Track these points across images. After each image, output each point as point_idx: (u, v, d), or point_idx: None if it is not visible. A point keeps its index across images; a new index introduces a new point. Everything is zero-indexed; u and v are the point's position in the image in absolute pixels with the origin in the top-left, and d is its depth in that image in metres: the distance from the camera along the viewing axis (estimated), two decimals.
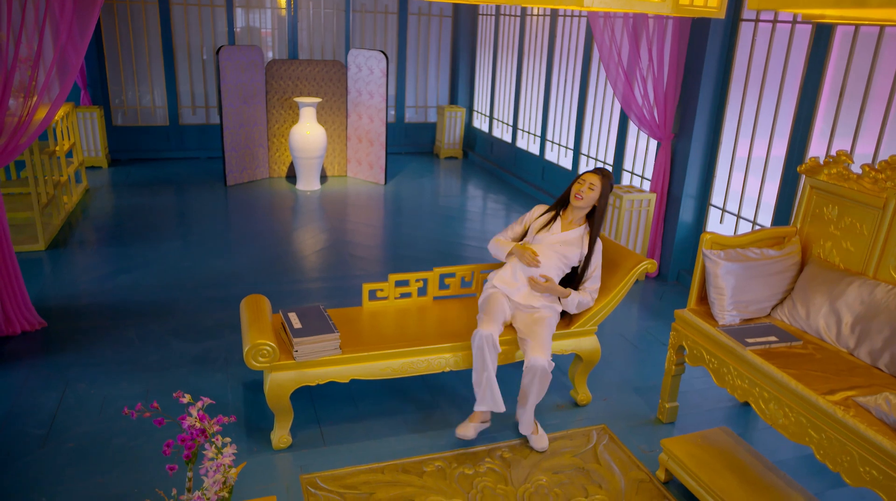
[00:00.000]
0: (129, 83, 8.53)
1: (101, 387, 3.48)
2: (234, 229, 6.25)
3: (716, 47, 4.81)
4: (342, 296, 4.77)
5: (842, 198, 3.19)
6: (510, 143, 8.65)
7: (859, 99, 3.97)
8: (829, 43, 4.13)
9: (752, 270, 3.20)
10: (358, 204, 7.24)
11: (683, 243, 5.31)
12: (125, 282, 4.85)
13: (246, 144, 7.57)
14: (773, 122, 4.59)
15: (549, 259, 3.32)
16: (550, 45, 7.49)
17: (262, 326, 2.99)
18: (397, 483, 2.87)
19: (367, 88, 7.71)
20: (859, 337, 2.91)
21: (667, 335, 4.43)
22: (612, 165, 6.44)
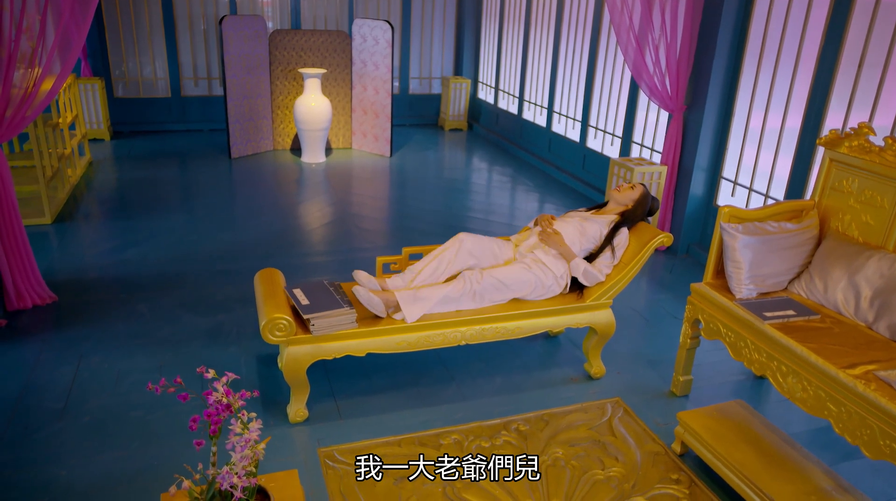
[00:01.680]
0: (129, 54, 8.41)
1: (114, 361, 3.48)
2: (240, 201, 6.21)
3: (731, 16, 4.72)
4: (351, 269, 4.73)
5: (862, 171, 3.15)
6: (516, 114, 8.56)
7: (879, 69, 3.91)
8: (849, 11, 4.05)
9: (770, 243, 3.17)
10: (363, 177, 7.18)
11: (694, 216, 5.27)
12: (133, 255, 4.83)
13: (250, 115, 7.49)
14: (788, 93, 4.53)
15: (567, 226, 3.43)
16: (559, 15, 7.37)
17: (277, 300, 2.98)
18: (414, 456, 2.88)
19: (372, 59, 7.60)
20: (878, 311, 2.90)
21: (678, 309, 4.42)
22: (621, 137, 6.38)
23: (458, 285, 3.15)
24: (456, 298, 3.14)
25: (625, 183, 3.58)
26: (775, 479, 2.63)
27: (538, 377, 3.56)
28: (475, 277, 3.18)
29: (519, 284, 3.25)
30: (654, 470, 2.91)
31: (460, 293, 3.14)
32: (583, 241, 3.42)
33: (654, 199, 3.60)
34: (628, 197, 3.57)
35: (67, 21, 3.69)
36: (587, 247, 3.45)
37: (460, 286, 3.15)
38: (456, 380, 3.48)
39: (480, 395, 3.36)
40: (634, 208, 3.54)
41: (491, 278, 3.20)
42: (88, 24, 3.83)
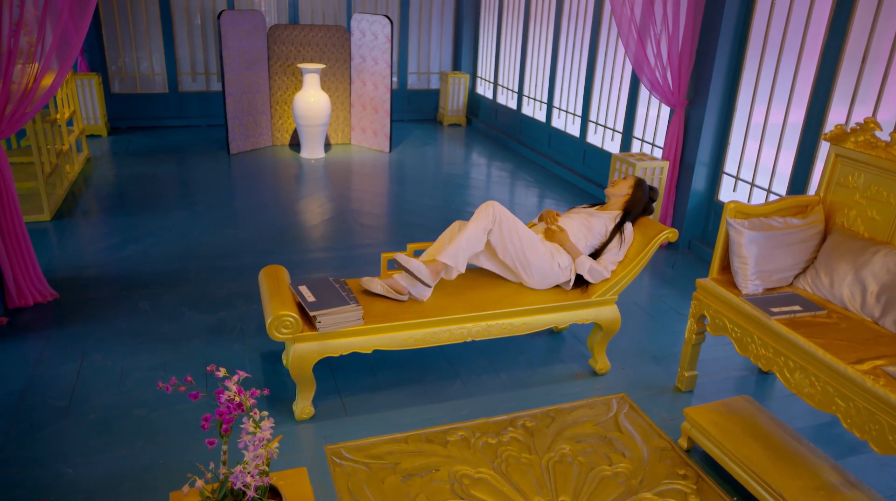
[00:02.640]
0: (126, 49, 8.36)
1: (118, 358, 3.46)
2: (240, 197, 6.18)
3: (733, 10, 4.72)
4: (354, 265, 4.74)
5: (868, 166, 3.15)
6: (515, 110, 8.54)
7: (883, 64, 3.91)
8: (852, 5, 4.05)
9: (776, 239, 3.17)
10: (363, 172, 7.16)
11: (695, 212, 5.27)
12: (134, 252, 4.80)
13: (248, 111, 7.46)
14: (790, 88, 4.53)
15: (572, 222, 3.43)
16: (558, 8, 7.34)
17: (283, 297, 2.97)
18: (422, 453, 2.87)
19: (371, 54, 7.57)
20: (885, 306, 2.90)
21: (681, 304, 4.43)
22: (621, 132, 6.37)
23: (477, 221, 3.20)
24: (478, 235, 3.19)
25: (617, 178, 3.61)
26: (783, 474, 2.64)
27: (543, 373, 3.56)
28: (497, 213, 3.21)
29: (534, 245, 3.27)
30: (661, 466, 2.91)
31: (481, 228, 3.19)
32: (588, 237, 3.42)
33: (651, 188, 3.58)
34: (624, 186, 3.57)
35: (66, 22, 3.66)
36: (592, 243, 3.46)
37: (482, 219, 3.19)
38: (461, 377, 3.47)
39: (486, 391, 3.36)
40: (633, 197, 3.53)
41: (513, 223, 3.23)
42: (87, 26, 3.79)
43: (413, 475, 2.74)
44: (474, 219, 3.21)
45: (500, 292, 3.37)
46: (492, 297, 3.30)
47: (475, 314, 3.15)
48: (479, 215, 3.21)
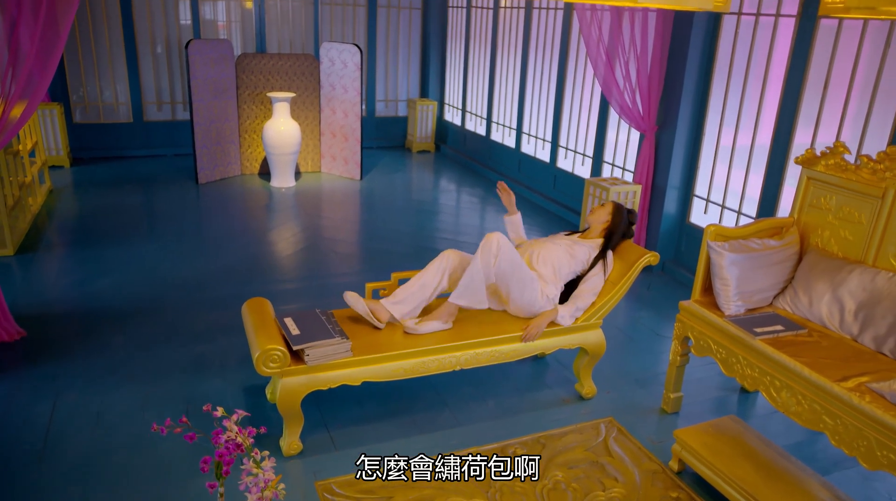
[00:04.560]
0: (89, 78, 8.21)
1: (93, 398, 3.34)
2: (212, 228, 6.08)
3: (699, 37, 4.87)
4: (332, 295, 4.68)
5: (840, 188, 3.26)
6: (484, 135, 8.63)
7: (844, 89, 4.07)
8: (813, 33, 4.21)
9: (755, 260, 3.25)
10: (335, 200, 7.12)
11: (668, 234, 5.37)
12: (104, 286, 4.67)
13: (217, 140, 7.37)
14: (757, 112, 4.67)
15: (557, 248, 3.46)
16: (525, 37, 7.48)
17: (269, 330, 2.91)
18: (414, 486, 2.83)
19: (340, 82, 7.58)
20: (863, 324, 2.98)
21: (660, 326, 4.48)
22: (591, 157, 6.48)
23: (483, 254, 3.18)
24: (487, 269, 3.19)
25: (596, 205, 3.65)
26: (775, 493, 2.67)
27: (530, 399, 3.55)
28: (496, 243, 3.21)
29: (530, 281, 3.28)
30: (653, 489, 2.92)
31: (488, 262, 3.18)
32: (572, 263, 3.44)
33: (629, 210, 3.62)
34: (603, 213, 3.61)
35: (32, 66, 3.57)
36: (576, 269, 3.48)
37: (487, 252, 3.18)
38: (449, 406, 3.44)
39: (474, 420, 3.33)
40: (613, 223, 3.56)
41: (515, 258, 3.23)
42: (53, 70, 3.70)
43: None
44: (482, 250, 3.18)
45: (486, 318, 3.36)
46: (479, 324, 3.30)
47: (463, 342, 3.14)
48: (484, 248, 3.18)
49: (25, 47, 3.51)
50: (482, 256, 3.16)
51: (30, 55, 3.52)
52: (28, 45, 3.49)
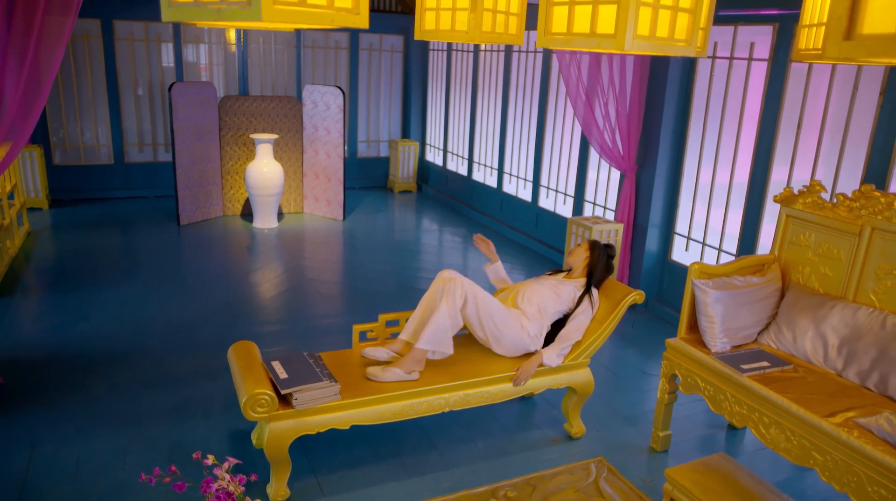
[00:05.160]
0: (70, 120, 8.19)
1: (72, 447, 3.25)
2: (194, 270, 6.03)
3: (675, 81, 5.00)
4: (318, 337, 4.65)
5: (818, 226, 3.33)
6: (466, 176, 8.71)
7: (817, 129, 4.19)
8: (784, 76, 4.36)
9: (739, 297, 3.29)
10: (318, 241, 7.11)
11: (650, 272, 5.43)
12: (84, 330, 4.58)
13: (199, 181, 7.36)
14: (734, 151, 4.79)
15: (542, 288, 3.46)
16: (506, 80, 7.63)
17: (256, 374, 2.88)
18: None
19: (323, 123, 7.65)
20: (847, 359, 3.02)
21: (645, 363, 4.49)
22: (573, 196, 6.57)
23: (448, 299, 3.17)
24: (454, 314, 3.18)
25: (573, 247, 3.70)
26: None
27: (519, 439, 3.52)
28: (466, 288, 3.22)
29: (504, 317, 3.29)
30: None
31: (455, 306, 3.17)
32: (558, 303, 3.46)
33: (606, 245, 3.63)
34: (581, 252, 3.62)
35: (15, 114, 3.58)
36: (562, 309, 3.50)
37: (452, 296, 3.18)
38: (438, 448, 3.40)
39: (464, 462, 3.29)
40: (592, 260, 3.56)
41: (482, 296, 3.25)
42: (36, 119, 3.70)
43: None
44: (445, 298, 3.16)
45: (474, 359, 3.35)
46: (467, 365, 3.28)
47: (453, 383, 3.12)
48: (448, 293, 3.17)
49: (9, 96, 3.51)
50: (446, 302, 3.14)
51: (13, 104, 3.51)
52: (12, 93, 3.49)
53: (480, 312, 3.23)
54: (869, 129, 3.90)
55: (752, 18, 4.57)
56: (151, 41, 8.33)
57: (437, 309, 3.14)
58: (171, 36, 8.39)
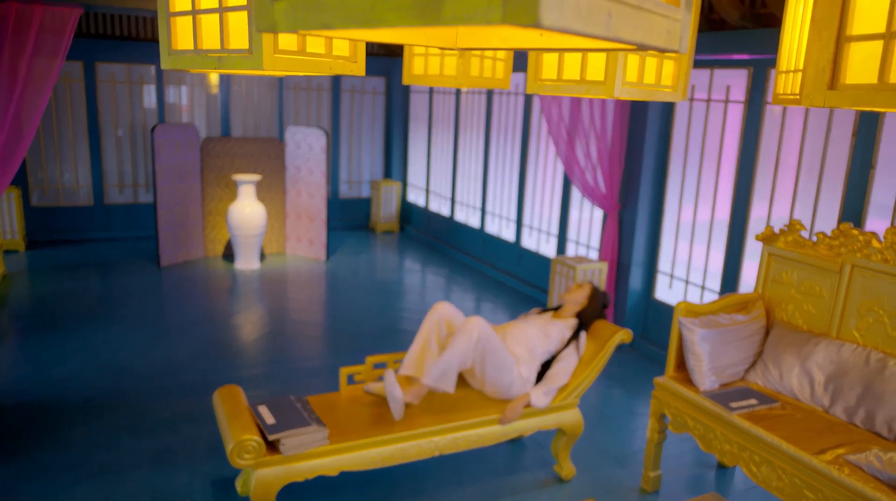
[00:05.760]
0: (50, 161, 8.13)
1: (51, 498, 3.14)
2: (174, 312, 5.94)
3: (655, 121, 5.12)
4: (303, 379, 4.58)
5: (800, 264, 3.40)
6: (448, 216, 8.76)
7: (793, 168, 4.30)
8: (760, 118, 4.48)
9: (725, 335, 3.32)
10: (301, 282, 7.07)
11: (635, 310, 5.46)
12: (61, 375, 4.48)
13: (181, 222, 7.31)
14: (714, 190, 4.89)
15: (531, 328, 3.46)
16: (488, 119, 7.75)
17: (242, 419, 2.83)
18: None
19: (306, 164, 7.68)
20: (833, 395, 3.05)
21: (633, 402, 4.49)
22: (556, 235, 6.63)
23: (465, 339, 3.14)
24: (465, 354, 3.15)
25: (573, 284, 3.69)
26: None
27: (510, 483, 3.48)
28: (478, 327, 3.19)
29: (509, 366, 3.27)
30: None
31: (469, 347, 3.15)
32: (547, 343, 3.46)
33: (604, 293, 3.70)
34: (580, 295, 3.65)
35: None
36: (549, 349, 3.48)
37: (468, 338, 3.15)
38: (428, 492, 3.34)
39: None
40: (588, 305, 3.62)
41: (496, 343, 3.22)
42: (16, 167, 3.70)
43: None
44: (461, 336, 3.15)
45: (462, 403, 3.32)
46: (454, 407, 3.25)
47: (442, 427, 3.08)
48: (465, 332, 3.16)
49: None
50: (461, 342, 3.13)
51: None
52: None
53: (487, 356, 3.20)
54: (843, 167, 4.01)
55: (727, 63, 4.71)
56: (134, 83, 8.36)
57: (452, 347, 3.13)
58: (153, 77, 8.43)
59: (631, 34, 0.63)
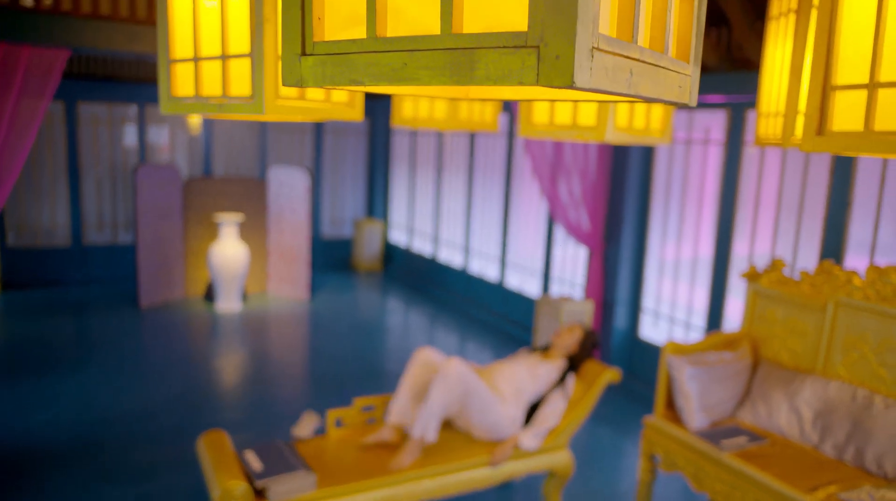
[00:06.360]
0: (28, 201, 8.04)
1: None
2: (155, 355, 5.84)
3: (637, 160, 5.22)
4: (286, 422, 4.50)
5: (784, 302, 3.44)
6: (431, 255, 8.78)
7: (773, 207, 4.40)
8: (739, 158, 4.59)
9: (713, 373, 3.33)
10: (284, 323, 7.00)
11: (620, 348, 5.48)
12: (37, 422, 4.35)
13: (162, 263, 7.24)
14: (696, 228, 4.97)
15: (519, 368, 3.43)
16: (471, 159, 7.83)
17: (228, 466, 2.76)
18: None
19: (289, 204, 7.67)
20: (822, 433, 3.07)
21: (621, 441, 4.47)
22: (540, 273, 6.66)
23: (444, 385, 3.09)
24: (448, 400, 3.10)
25: (564, 327, 3.67)
26: None
27: None
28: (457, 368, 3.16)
29: (493, 406, 3.22)
30: None
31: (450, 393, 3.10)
32: (536, 384, 3.43)
33: (594, 333, 3.68)
34: (569, 339, 3.59)
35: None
36: (538, 390, 3.45)
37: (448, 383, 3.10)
38: None
39: None
40: (579, 352, 3.60)
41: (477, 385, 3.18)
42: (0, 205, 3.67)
43: None
44: (438, 381, 3.10)
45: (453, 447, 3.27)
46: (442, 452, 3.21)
47: (432, 469, 3.04)
48: (442, 377, 3.11)
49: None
50: (439, 388, 3.08)
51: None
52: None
53: (468, 398, 3.16)
54: (822, 205, 4.10)
55: (706, 105, 4.84)
56: (115, 122, 8.35)
57: (430, 394, 3.06)
58: (135, 117, 8.43)
59: (649, 90, 0.65)
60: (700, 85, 4.49)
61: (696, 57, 0.76)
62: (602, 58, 0.55)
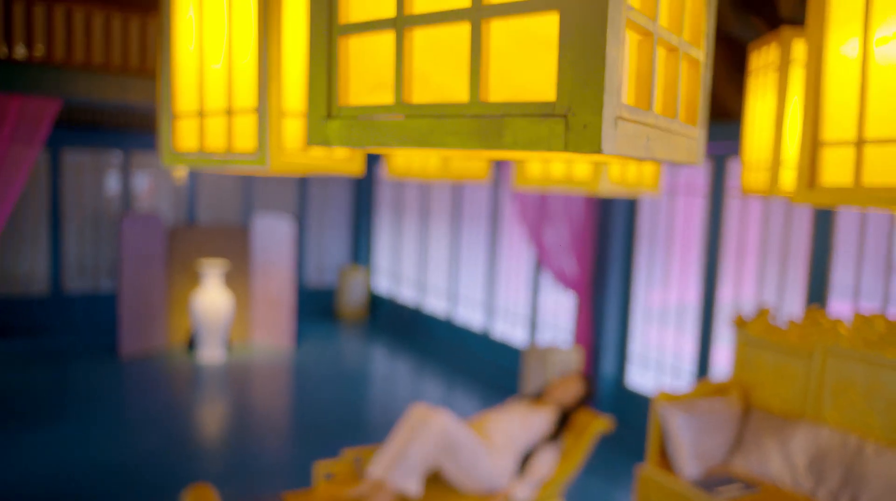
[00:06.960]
0: (8, 247, 7.94)
1: None
2: (135, 407, 5.71)
3: (622, 209, 5.30)
4: (272, 475, 4.39)
5: (772, 349, 3.47)
6: (417, 303, 8.75)
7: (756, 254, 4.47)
8: (721, 207, 4.68)
9: (705, 421, 3.33)
10: (268, 372, 6.90)
11: (607, 396, 5.46)
12: (12, 477, 4.21)
13: (144, 311, 7.14)
14: (681, 275, 5.02)
15: (511, 417, 3.39)
16: (457, 208, 7.89)
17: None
18: None
19: (274, 252, 7.65)
20: (817, 479, 3.06)
21: (611, 491, 4.41)
22: (527, 320, 6.66)
23: (424, 438, 3.04)
24: (429, 453, 3.05)
25: (561, 378, 3.61)
26: None
27: None
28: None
29: (481, 456, 3.17)
30: None
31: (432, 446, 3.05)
32: (528, 434, 3.40)
33: (591, 385, 3.64)
34: (567, 393, 3.55)
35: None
36: (531, 439, 3.42)
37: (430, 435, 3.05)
38: None
39: None
40: (574, 404, 3.55)
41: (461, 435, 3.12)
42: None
43: None
44: (421, 433, 3.05)
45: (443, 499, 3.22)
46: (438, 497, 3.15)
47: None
48: (425, 427, 3.07)
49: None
50: (420, 439, 3.04)
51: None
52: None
53: (454, 450, 3.11)
54: (805, 251, 4.18)
55: None
56: (99, 169, 8.34)
57: (412, 442, 3.03)
58: (119, 164, 8.42)
59: (662, 153, 0.68)
60: None
61: (703, 120, 0.79)
62: (625, 126, 0.57)
